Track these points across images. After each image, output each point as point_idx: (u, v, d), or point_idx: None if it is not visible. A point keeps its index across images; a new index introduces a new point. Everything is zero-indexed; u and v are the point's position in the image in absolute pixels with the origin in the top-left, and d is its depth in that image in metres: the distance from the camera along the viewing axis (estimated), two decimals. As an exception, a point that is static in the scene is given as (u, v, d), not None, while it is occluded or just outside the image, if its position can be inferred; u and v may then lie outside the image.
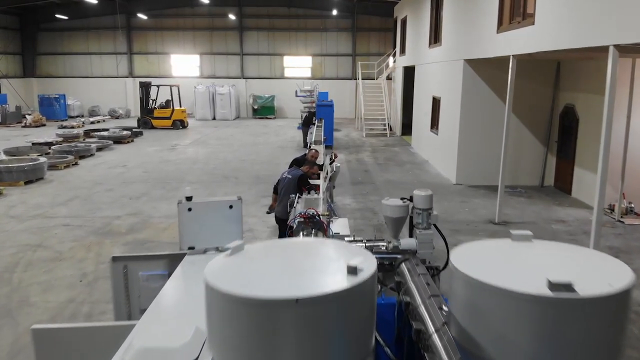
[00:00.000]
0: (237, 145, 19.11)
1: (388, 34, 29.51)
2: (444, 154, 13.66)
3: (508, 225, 9.24)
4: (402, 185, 12.35)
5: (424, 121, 16.54)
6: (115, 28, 30.89)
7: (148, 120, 24.25)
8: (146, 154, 16.95)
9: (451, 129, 12.89)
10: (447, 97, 13.49)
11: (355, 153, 17.34)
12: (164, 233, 8.76)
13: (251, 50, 31.02)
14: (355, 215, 9.64)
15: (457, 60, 12.48)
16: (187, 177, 13.27)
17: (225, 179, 13.06)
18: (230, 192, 11.52)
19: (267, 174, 13.52)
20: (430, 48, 15.82)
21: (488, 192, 11.66)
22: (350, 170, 14.28)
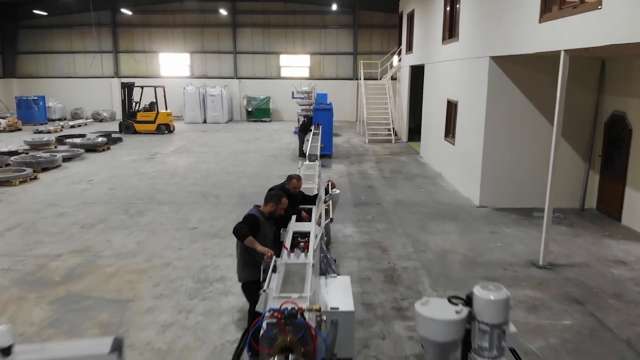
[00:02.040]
0: (225, 153, 17.05)
1: (392, 30, 27.45)
2: (462, 168, 11.59)
3: (556, 270, 7.16)
4: (414, 207, 10.28)
5: (436, 128, 14.47)
6: (99, 25, 28.88)
7: (130, 125, 22.19)
8: (120, 165, 14.89)
9: (473, 139, 10.82)
10: (467, 101, 11.42)
11: (358, 163, 15.27)
12: (109, 282, 6.70)
13: (245, 48, 28.95)
14: (359, 254, 7.56)
15: (480, 57, 10.41)
16: (159, 195, 11.20)
17: (204, 198, 10.99)
18: (206, 217, 9.48)
19: (254, 191, 11.47)
20: (443, 44, 13.74)
21: (520, 217, 9.59)
22: (352, 186, 12.21)
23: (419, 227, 8.87)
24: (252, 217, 4.79)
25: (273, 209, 4.90)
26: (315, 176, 7.16)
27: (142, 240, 8.27)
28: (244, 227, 4.63)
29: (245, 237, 4.58)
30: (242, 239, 4.60)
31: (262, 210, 4.92)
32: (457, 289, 6.39)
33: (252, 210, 4.93)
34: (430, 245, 8.00)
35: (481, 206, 10.27)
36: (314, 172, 7.55)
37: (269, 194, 5.04)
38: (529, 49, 7.97)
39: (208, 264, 7.20)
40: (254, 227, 4.70)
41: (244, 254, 4.77)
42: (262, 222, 4.79)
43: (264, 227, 4.79)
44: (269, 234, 4.83)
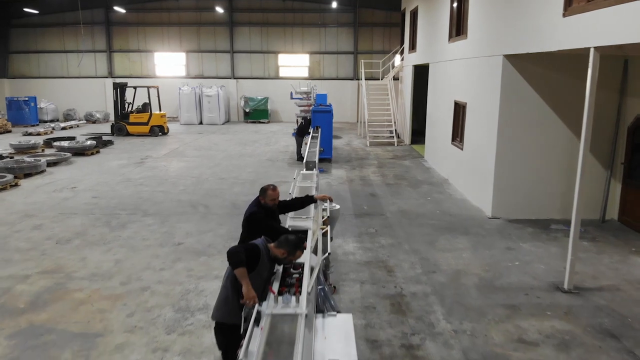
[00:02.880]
0: (220, 157, 16.24)
1: (394, 29, 26.64)
2: (472, 175, 10.78)
3: (584, 295, 6.34)
4: (421, 218, 9.46)
5: (442, 130, 13.66)
6: (93, 23, 28.10)
7: (123, 127, 21.38)
8: (107, 170, 14.08)
9: (484, 144, 10.01)
10: (477, 102, 10.60)
11: (359, 168, 14.45)
12: (77, 311, 5.88)
13: (242, 47, 28.14)
14: (362, 276, 6.74)
15: (492, 56, 9.60)
16: (144, 205, 10.38)
17: (193, 208, 10.17)
18: (193, 231, 8.67)
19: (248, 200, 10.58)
20: (450, 42, 12.93)
21: (537, 231, 8.77)
22: (353, 194, 11.39)
23: (427, 243, 8.05)
24: (256, 250, 3.89)
25: (283, 256, 3.94)
26: (313, 189, 6.33)
27: (120, 259, 7.46)
28: (241, 254, 3.75)
29: (239, 265, 3.70)
30: (234, 265, 3.73)
31: (269, 247, 3.99)
32: (475, 321, 5.58)
33: (259, 241, 4.02)
34: (440, 264, 7.18)
35: (494, 217, 9.45)
36: (311, 183, 6.73)
37: (287, 239, 4.00)
38: (550, 47, 7.15)
39: (191, 289, 6.38)
40: (252, 259, 3.82)
41: (229, 287, 3.90)
42: (262, 260, 3.90)
43: (262, 267, 3.90)
44: (264, 276, 3.92)
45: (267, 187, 5.03)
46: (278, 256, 3.94)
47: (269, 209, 4.95)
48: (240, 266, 3.66)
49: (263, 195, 4.98)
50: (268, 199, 4.94)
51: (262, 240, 4.02)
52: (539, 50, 7.52)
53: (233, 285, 3.80)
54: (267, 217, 4.90)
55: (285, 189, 10.98)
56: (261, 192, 5.02)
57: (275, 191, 5.00)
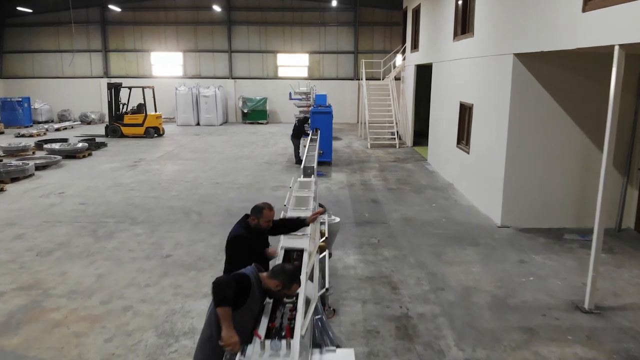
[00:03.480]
0: (216, 160, 15.70)
1: (395, 28, 26.11)
2: (479, 180, 10.24)
3: (606, 316, 5.79)
4: (426, 227, 8.92)
5: (446, 133, 13.12)
6: (88, 23, 27.57)
7: (117, 128, 20.84)
8: (98, 174, 13.54)
9: (492, 147, 9.47)
10: (484, 104, 10.07)
11: (360, 172, 13.91)
12: (51, 334, 5.35)
13: (241, 47, 27.60)
14: (364, 294, 6.20)
15: (501, 55, 9.06)
16: (134, 212, 9.84)
17: (185, 215, 9.63)
18: (184, 241, 8.13)
19: (243, 207, 10.04)
20: (455, 41, 12.39)
21: (550, 241, 8.23)
22: (354, 200, 10.85)
23: (433, 255, 7.51)
24: (246, 281, 3.31)
25: (277, 288, 3.39)
26: (310, 200, 5.79)
27: (103, 273, 6.92)
28: (229, 288, 3.15)
29: (223, 303, 3.12)
30: (218, 302, 3.14)
31: (261, 277, 3.43)
32: (490, 347, 5.04)
33: (249, 270, 3.45)
34: (449, 280, 6.64)
35: (503, 226, 8.91)
36: (309, 192, 6.18)
37: (282, 269, 3.47)
38: (567, 44, 6.61)
39: (177, 309, 5.84)
40: (241, 293, 3.24)
41: (214, 323, 3.33)
42: (253, 293, 3.33)
43: (253, 301, 3.35)
44: (255, 311, 3.37)
45: (263, 206, 4.39)
46: (271, 288, 3.36)
47: (260, 231, 4.37)
48: (224, 304, 3.10)
49: (257, 215, 4.36)
50: (263, 219, 4.33)
51: (252, 269, 3.46)
52: (555, 48, 6.97)
53: (218, 323, 3.25)
54: (255, 242, 4.34)
55: (282, 194, 10.47)
56: (255, 211, 4.39)
57: (272, 211, 4.41)
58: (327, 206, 10.20)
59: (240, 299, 3.21)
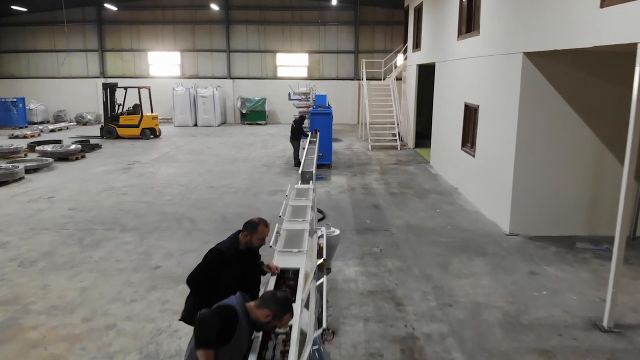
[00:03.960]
0: (212, 162, 15.27)
1: (396, 27, 25.68)
2: (486, 185, 9.80)
3: (627, 335, 5.35)
4: (431, 235, 8.48)
5: (450, 135, 12.69)
6: (84, 22, 27.14)
7: (113, 129, 20.40)
8: (90, 177, 13.10)
9: (500, 150, 9.03)
10: (491, 105, 9.63)
11: (360, 175, 13.47)
12: (28, 356, 4.91)
13: (239, 46, 27.17)
14: (366, 311, 5.75)
15: (509, 54, 8.62)
16: (124, 218, 9.40)
17: (177, 222, 9.19)
18: (174, 251, 7.69)
19: (239, 213, 9.70)
20: (459, 40, 11.95)
21: (561, 250, 7.79)
22: (355, 205, 10.42)
23: (439, 266, 7.07)
24: (232, 314, 2.87)
25: (267, 319, 2.98)
26: (308, 210, 5.33)
27: (87, 287, 6.49)
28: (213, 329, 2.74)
29: (206, 345, 2.72)
30: (200, 344, 2.73)
31: (249, 307, 3.01)
32: (504, 374, 4.60)
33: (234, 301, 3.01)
34: (457, 294, 6.20)
35: (512, 234, 8.47)
36: (307, 200, 5.72)
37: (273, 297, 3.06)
38: (584, 42, 6.17)
39: (164, 328, 5.40)
40: (226, 329, 2.81)
41: None
42: (241, 326, 2.90)
43: (241, 336, 2.91)
44: (243, 346, 2.95)
45: (258, 222, 3.94)
46: (259, 319, 2.96)
47: (251, 250, 3.95)
48: (206, 347, 2.66)
49: (250, 231, 3.92)
50: (256, 236, 3.90)
51: (237, 298, 3.03)
52: (569, 47, 6.53)
53: None
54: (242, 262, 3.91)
55: (279, 199, 10.03)
56: (248, 226, 3.94)
57: (267, 228, 3.97)
58: (327, 212, 9.81)
59: (226, 336, 2.78)
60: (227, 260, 3.83)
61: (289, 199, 5.78)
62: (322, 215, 9.47)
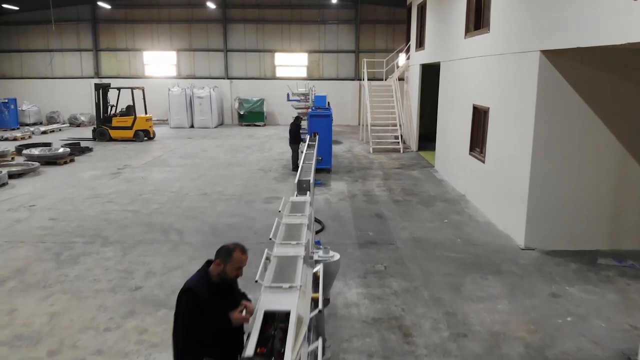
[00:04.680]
0: (207, 166, 14.59)
1: (398, 26, 25.00)
2: (497, 193, 9.11)
3: (673, 374, 4.66)
4: (440, 249, 7.78)
5: (457, 138, 12.01)
6: (78, 21, 26.47)
7: (105, 131, 19.72)
8: (77, 183, 12.42)
9: (513, 156, 8.35)
10: (503, 108, 8.94)
11: (362, 180, 12.78)
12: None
13: (237, 46, 26.48)
14: (370, 344, 5.05)
15: (524, 52, 7.93)
16: (108, 229, 8.71)
17: (164, 234, 8.50)
18: (157, 268, 7.01)
19: (230, 224, 9.02)
20: (467, 38, 11.27)
21: (583, 267, 7.10)
22: (356, 214, 9.72)
23: (450, 287, 6.38)
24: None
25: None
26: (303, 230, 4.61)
27: (58, 311, 5.80)
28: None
29: None
30: None
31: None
32: None
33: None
34: (472, 322, 5.51)
35: (527, 248, 7.77)
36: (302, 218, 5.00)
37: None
38: (615, 39, 5.47)
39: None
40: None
41: None
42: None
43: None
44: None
45: (233, 247, 3.28)
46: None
47: (226, 282, 3.27)
48: None
49: (224, 259, 3.25)
50: (231, 265, 3.24)
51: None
52: (596, 44, 5.84)
53: None
54: (216, 298, 3.23)
55: (275, 207, 9.32)
56: (221, 253, 3.28)
57: (244, 255, 3.30)
58: (326, 223, 9.11)
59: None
60: (199, 300, 3.16)
61: (282, 216, 5.08)
62: (321, 226, 8.79)
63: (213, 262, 3.28)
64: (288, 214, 5.13)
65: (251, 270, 3.56)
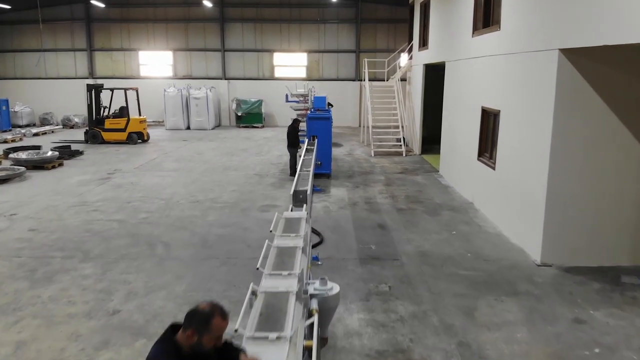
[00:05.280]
0: (200, 170, 13.96)
1: (400, 25, 24.38)
2: (509, 202, 8.48)
3: None
4: (449, 266, 7.15)
5: (464, 142, 11.39)
6: (72, 20, 25.85)
7: (97, 133, 19.10)
8: (63, 189, 11.80)
9: (528, 163, 7.72)
10: (516, 110, 8.31)
11: (363, 186, 12.15)
12: None
13: (234, 45, 25.86)
14: (373, 381, 4.43)
15: (540, 51, 7.30)
16: (89, 242, 8.08)
17: (149, 248, 7.87)
18: (140, 288, 6.37)
19: (223, 235, 8.40)
20: (475, 36, 10.64)
21: (606, 288, 6.47)
22: (357, 224, 9.09)
23: (463, 312, 5.75)
24: None
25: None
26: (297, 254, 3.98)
27: (25, 340, 5.17)
28: None
29: None
30: None
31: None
32: None
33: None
34: (488, 355, 4.88)
35: (544, 264, 7.14)
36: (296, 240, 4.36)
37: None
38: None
39: (106, 412, 4.09)
40: None
41: None
42: None
43: None
44: None
45: (211, 313, 2.48)
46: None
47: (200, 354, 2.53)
48: None
49: (200, 329, 2.44)
50: (210, 336, 2.45)
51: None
52: (628, 41, 5.21)
53: None
54: None
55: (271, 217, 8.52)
56: (196, 322, 2.46)
57: (226, 320, 2.52)
58: (325, 234, 8.47)
59: None
60: None
61: (273, 237, 4.46)
62: (320, 238, 8.15)
63: (183, 330, 2.50)
64: (281, 234, 4.51)
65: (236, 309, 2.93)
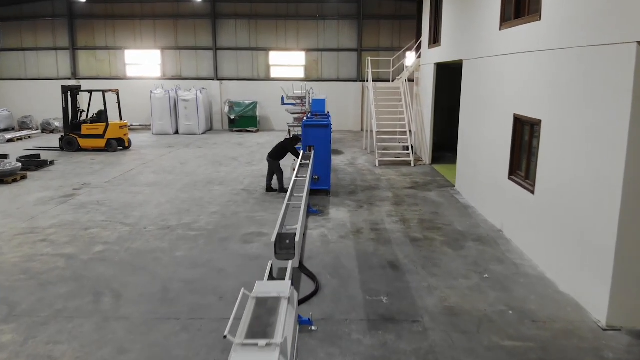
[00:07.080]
0: (180, 185, 12.18)
1: (405, 21, 22.64)
2: (556, 238, 6.68)
3: None
4: (487, 331, 5.34)
5: (489, 156, 9.60)
6: (54, 17, 24.10)
7: (73, 140, 17.31)
8: (15, 210, 10.02)
9: (588, 190, 5.92)
10: (566, 120, 6.51)
11: (368, 207, 10.34)
12: None
13: (227, 43, 24.08)
14: None
15: (606, 45, 5.51)
16: (20, 291, 6.27)
17: (95, 299, 6.06)
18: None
19: (190, 280, 6.61)
20: (503, 29, 8.85)
21: None
22: (362, 263, 7.27)
23: (520, 421, 3.95)
24: None
25: None
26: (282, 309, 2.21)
27: None
28: None
29: None
30: None
31: None
32: None
33: None
34: None
35: (610, 328, 5.35)
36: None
37: None
38: None
39: None
40: None
41: None
42: None
43: None
44: None
45: None
46: None
47: None
48: None
49: None
50: None
51: None
52: None
53: None
54: None
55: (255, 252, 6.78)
56: None
57: None
58: (323, 278, 6.58)
59: None
60: None
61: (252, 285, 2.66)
62: (315, 285, 6.35)
63: None
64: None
65: None
